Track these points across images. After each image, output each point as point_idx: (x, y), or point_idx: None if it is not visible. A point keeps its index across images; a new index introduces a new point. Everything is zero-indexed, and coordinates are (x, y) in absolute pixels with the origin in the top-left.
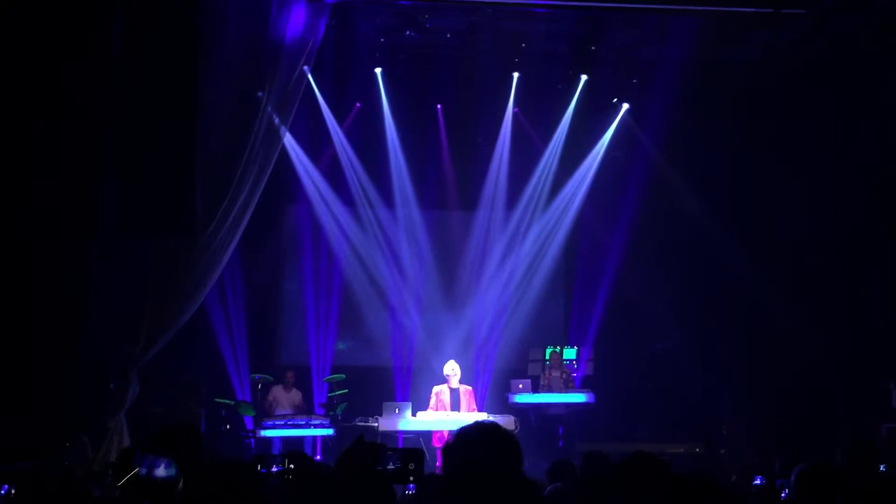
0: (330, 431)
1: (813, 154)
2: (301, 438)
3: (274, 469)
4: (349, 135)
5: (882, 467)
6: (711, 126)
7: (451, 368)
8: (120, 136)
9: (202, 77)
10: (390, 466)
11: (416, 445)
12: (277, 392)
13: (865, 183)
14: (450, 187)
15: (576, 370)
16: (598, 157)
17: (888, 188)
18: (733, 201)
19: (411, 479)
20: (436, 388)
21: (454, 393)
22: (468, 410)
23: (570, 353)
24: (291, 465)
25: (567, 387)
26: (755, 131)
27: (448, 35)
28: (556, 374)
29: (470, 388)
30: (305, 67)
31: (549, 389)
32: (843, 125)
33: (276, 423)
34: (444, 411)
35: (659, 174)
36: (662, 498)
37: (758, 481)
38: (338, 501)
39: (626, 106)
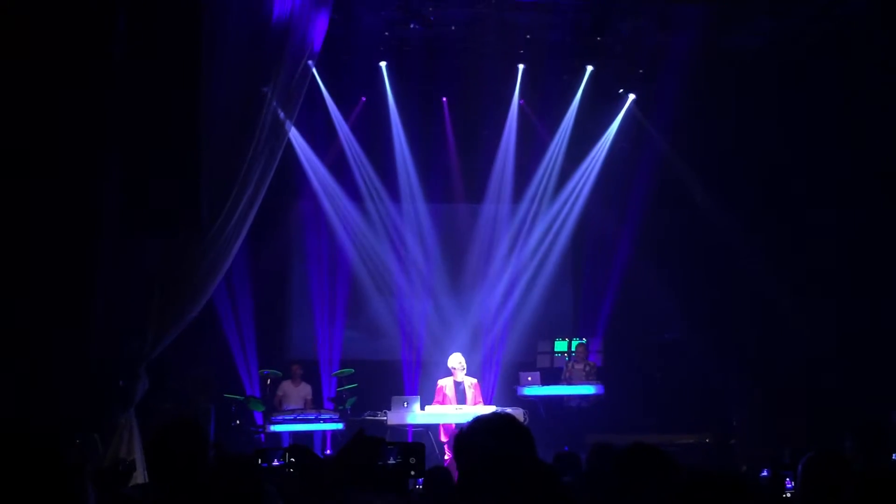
0: (339, 426)
1: (820, 142)
2: (311, 433)
3: (275, 463)
4: (355, 129)
5: (894, 456)
6: (718, 115)
7: (458, 361)
8: (124, 133)
9: (205, 73)
10: (391, 461)
11: (423, 439)
12: (286, 387)
13: (873, 171)
14: (456, 180)
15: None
16: (605, 148)
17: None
18: (741, 190)
19: (412, 473)
20: (441, 382)
21: (459, 386)
22: (474, 404)
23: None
24: (293, 459)
25: (588, 379)
26: (762, 119)
27: (453, 27)
28: (579, 366)
29: (475, 381)
30: (310, 62)
31: (570, 381)
32: (849, 112)
33: (286, 418)
34: (451, 405)
35: (666, 164)
36: (664, 490)
37: (764, 473)
38: (338, 495)
39: (632, 96)
